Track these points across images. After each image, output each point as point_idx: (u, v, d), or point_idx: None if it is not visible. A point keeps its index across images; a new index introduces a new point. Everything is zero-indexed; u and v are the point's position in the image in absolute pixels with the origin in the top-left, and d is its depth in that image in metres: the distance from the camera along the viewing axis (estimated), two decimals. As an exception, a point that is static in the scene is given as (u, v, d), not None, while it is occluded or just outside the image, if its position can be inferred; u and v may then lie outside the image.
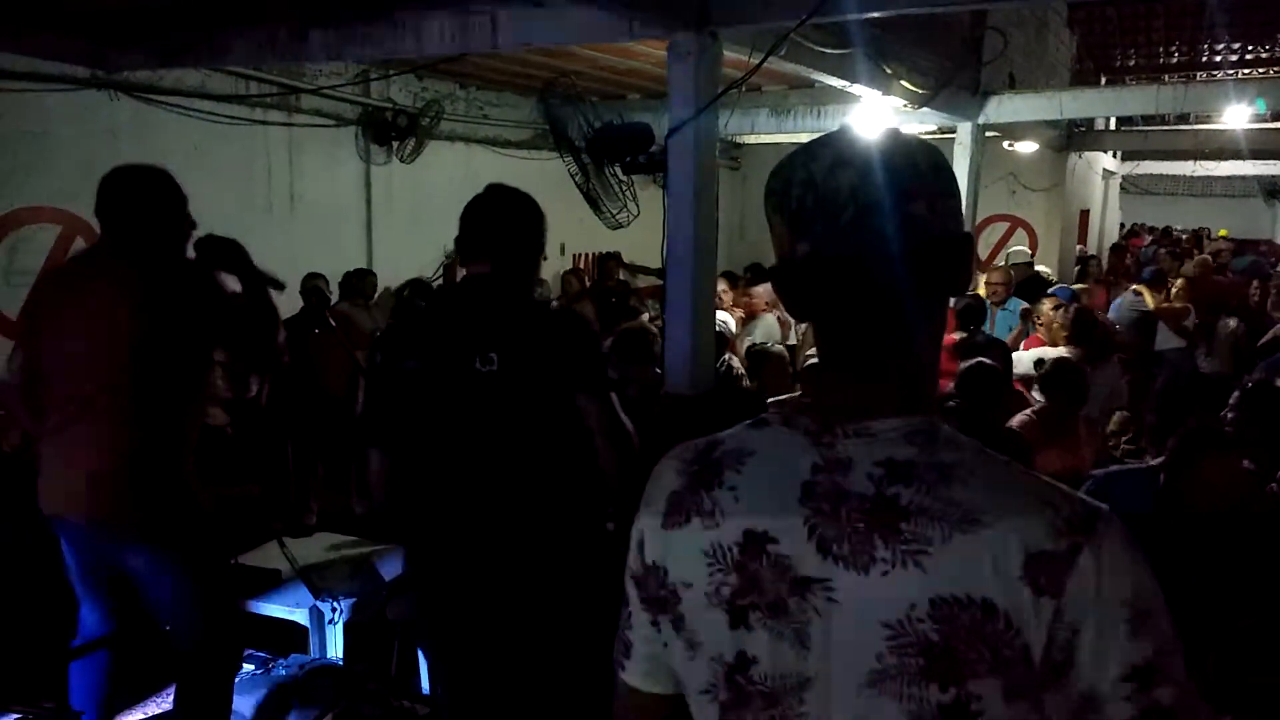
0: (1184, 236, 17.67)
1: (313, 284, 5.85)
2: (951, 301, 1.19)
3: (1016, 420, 4.11)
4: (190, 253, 2.79)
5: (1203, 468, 2.76)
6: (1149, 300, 7.49)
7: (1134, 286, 7.95)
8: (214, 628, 2.83)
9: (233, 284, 2.82)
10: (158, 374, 2.63)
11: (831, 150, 0.94)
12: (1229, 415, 3.59)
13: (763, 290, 6.79)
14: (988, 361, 3.95)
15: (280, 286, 2.96)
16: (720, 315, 5.46)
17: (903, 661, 0.87)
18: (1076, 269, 10.64)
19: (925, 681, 0.86)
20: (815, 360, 4.49)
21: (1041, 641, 0.84)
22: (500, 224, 2.41)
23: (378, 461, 2.43)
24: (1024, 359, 5.19)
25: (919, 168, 0.93)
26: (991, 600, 0.84)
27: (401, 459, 2.42)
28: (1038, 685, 0.85)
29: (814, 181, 0.92)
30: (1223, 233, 18.93)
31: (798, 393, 4.33)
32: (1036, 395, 4.48)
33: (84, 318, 2.64)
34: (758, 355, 5.02)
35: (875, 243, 0.91)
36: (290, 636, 3.65)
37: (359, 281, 6.67)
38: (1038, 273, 8.32)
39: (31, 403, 2.74)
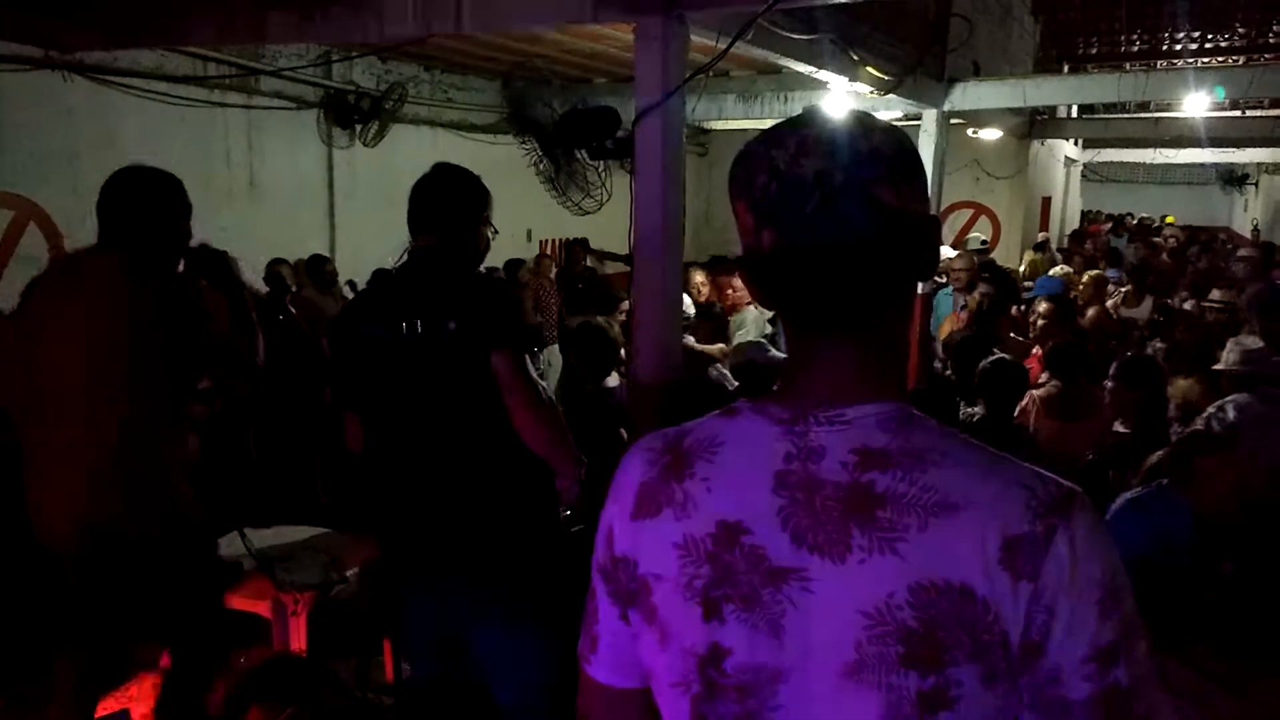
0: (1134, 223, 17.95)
1: (274, 270, 5.77)
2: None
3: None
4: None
5: (1198, 475, 2.79)
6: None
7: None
8: (198, 634, 2.82)
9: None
10: (148, 385, 2.58)
11: (795, 136, 0.92)
12: (1108, 384, 4.01)
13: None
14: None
15: (262, 298, 2.95)
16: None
17: (881, 650, 0.86)
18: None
19: (904, 670, 0.85)
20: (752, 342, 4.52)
21: (1020, 625, 0.84)
22: (444, 199, 2.57)
23: (352, 423, 2.65)
24: None
25: (883, 152, 0.91)
26: (971, 586, 0.84)
27: (368, 421, 2.64)
28: (1015, 669, 0.85)
29: (778, 169, 0.90)
30: (1169, 219, 19.20)
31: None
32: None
33: (79, 327, 2.56)
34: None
35: (841, 230, 0.89)
36: (253, 629, 3.61)
37: (319, 269, 6.60)
38: (993, 261, 8.39)
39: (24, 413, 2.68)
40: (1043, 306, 5.49)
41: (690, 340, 5.01)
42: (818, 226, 0.89)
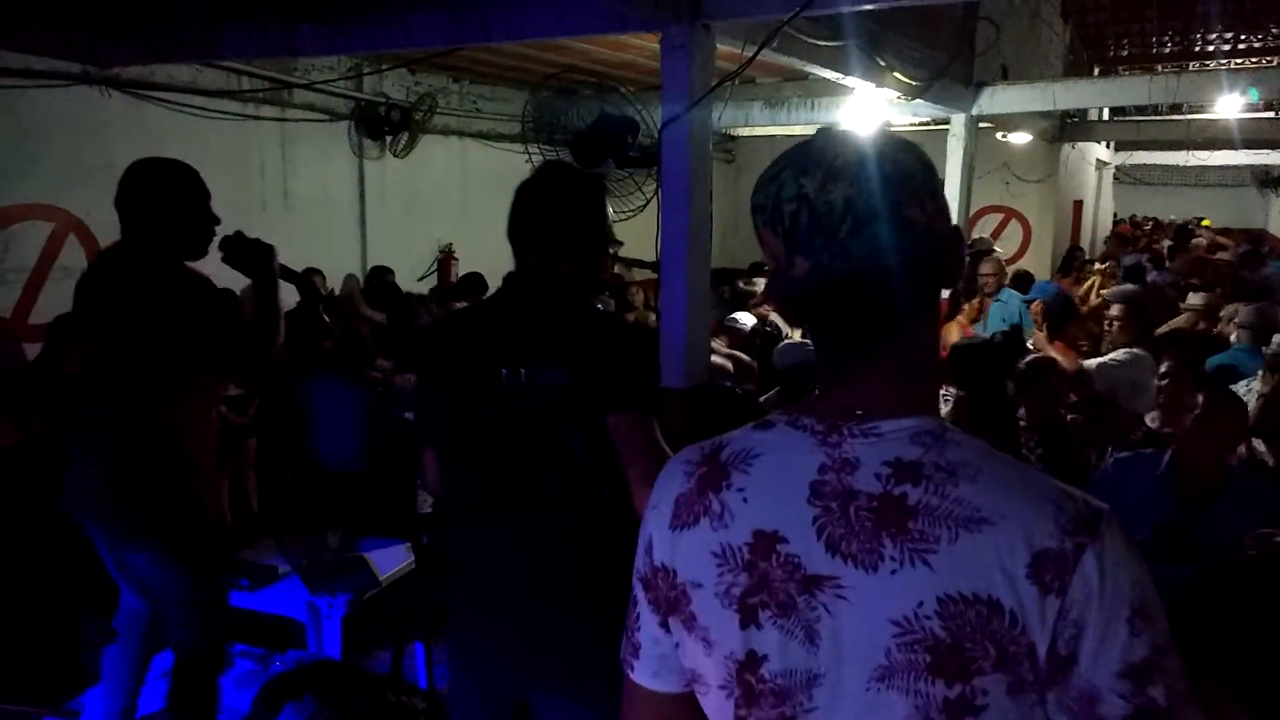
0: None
1: (307, 279, 5.84)
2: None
3: None
4: (216, 249, 2.81)
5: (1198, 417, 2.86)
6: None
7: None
8: (205, 629, 2.87)
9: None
10: (168, 380, 2.65)
11: (819, 161, 0.93)
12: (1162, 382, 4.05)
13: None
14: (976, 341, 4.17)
15: (294, 279, 2.97)
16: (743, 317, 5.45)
17: (910, 658, 0.88)
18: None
19: (932, 677, 0.87)
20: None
21: (1047, 639, 0.85)
22: (551, 213, 2.07)
23: (430, 460, 2.20)
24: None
25: (908, 171, 0.93)
26: (998, 599, 0.86)
27: (446, 470, 2.18)
28: (1042, 681, 0.86)
29: (806, 196, 0.92)
30: (1205, 222, 18.94)
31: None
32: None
33: (102, 322, 2.67)
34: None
35: (876, 253, 0.91)
36: (287, 632, 3.66)
37: (379, 280, 6.71)
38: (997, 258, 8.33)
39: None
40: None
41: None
42: (852, 251, 0.91)
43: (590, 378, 1.94)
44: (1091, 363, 4.81)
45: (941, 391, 3.99)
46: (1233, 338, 5.16)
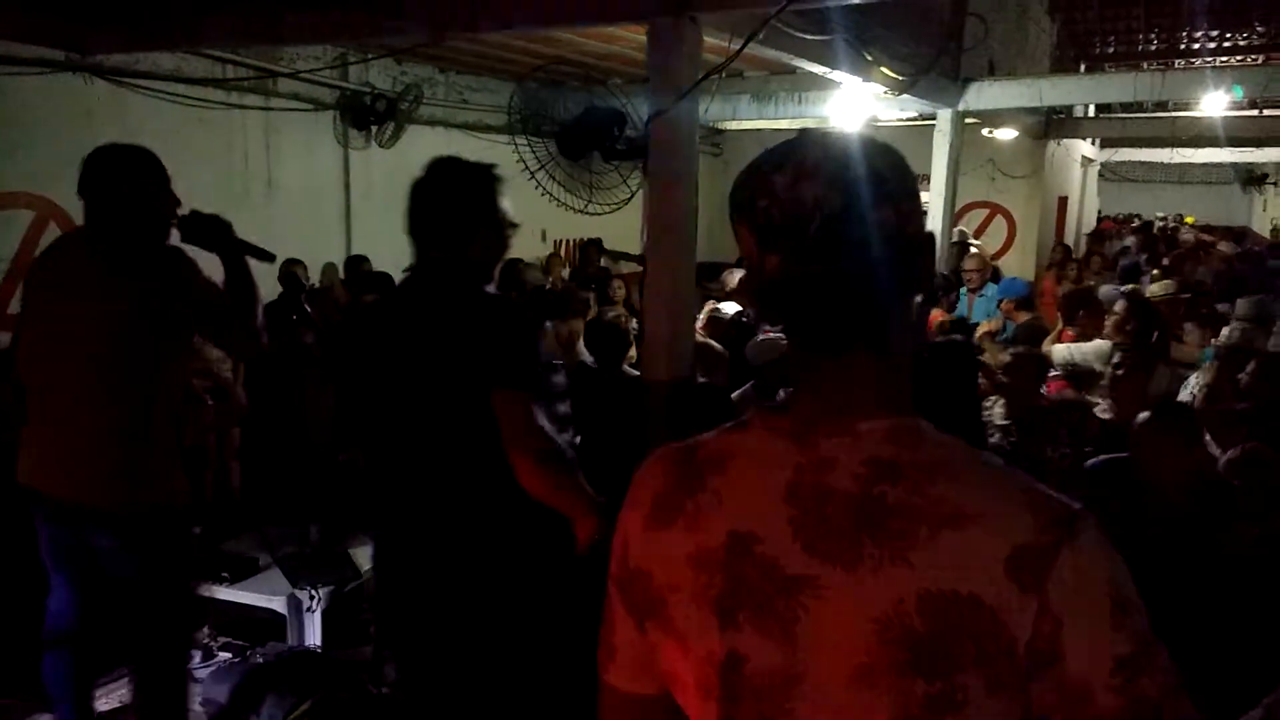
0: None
1: (290, 270, 5.81)
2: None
3: None
4: (174, 230, 2.76)
5: (1152, 439, 2.84)
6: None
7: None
8: (173, 611, 2.84)
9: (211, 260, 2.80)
10: (137, 361, 2.62)
11: (793, 160, 0.93)
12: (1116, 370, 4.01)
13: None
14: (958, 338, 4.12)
15: (270, 258, 2.94)
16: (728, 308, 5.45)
17: (890, 656, 0.88)
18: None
19: (912, 675, 0.87)
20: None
21: (1026, 635, 0.85)
22: (441, 208, 2.24)
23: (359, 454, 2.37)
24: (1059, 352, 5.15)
25: (882, 174, 0.93)
26: (978, 595, 0.86)
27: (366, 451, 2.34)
28: (1022, 677, 0.86)
29: (776, 194, 0.92)
30: (1189, 220, 19.08)
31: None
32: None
33: (69, 304, 2.64)
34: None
35: (844, 252, 0.90)
36: (268, 625, 3.65)
37: (356, 269, 6.67)
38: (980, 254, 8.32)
39: (23, 386, 2.74)
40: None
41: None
42: (820, 250, 0.91)
43: (471, 356, 2.05)
44: (1060, 348, 4.83)
45: None
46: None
